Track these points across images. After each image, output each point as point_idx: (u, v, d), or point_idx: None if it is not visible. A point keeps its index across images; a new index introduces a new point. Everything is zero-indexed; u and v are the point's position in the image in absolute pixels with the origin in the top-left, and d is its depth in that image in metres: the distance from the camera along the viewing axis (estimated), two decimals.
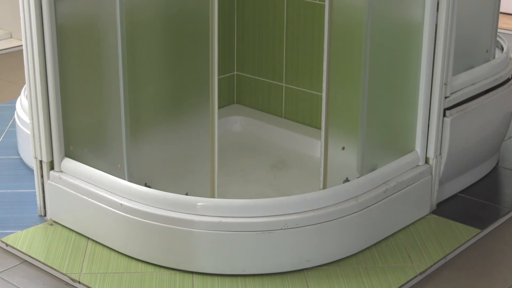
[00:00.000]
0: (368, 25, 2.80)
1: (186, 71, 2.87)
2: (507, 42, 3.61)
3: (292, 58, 3.58)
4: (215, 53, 2.67)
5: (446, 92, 3.05)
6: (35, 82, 2.88)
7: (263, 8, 3.61)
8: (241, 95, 3.81)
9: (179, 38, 2.86)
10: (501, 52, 3.51)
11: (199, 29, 2.73)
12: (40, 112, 2.89)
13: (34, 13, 2.79)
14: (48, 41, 2.81)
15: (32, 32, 2.82)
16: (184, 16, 2.83)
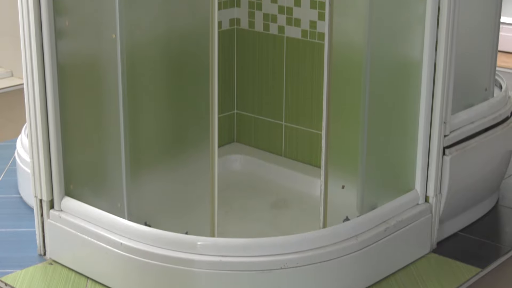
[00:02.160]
0: (367, 63, 2.82)
1: (186, 109, 2.88)
2: (505, 80, 3.62)
3: (292, 97, 3.59)
4: (215, 92, 2.68)
5: (446, 130, 3.06)
6: (35, 120, 2.89)
7: (262, 46, 3.63)
8: (241, 133, 3.82)
9: (179, 77, 2.88)
10: (499, 91, 3.53)
11: (199, 68, 2.74)
12: (41, 150, 2.90)
13: (35, 52, 2.81)
14: (49, 80, 2.82)
15: (33, 71, 2.84)
16: (185, 54, 2.85)
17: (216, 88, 2.67)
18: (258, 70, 3.68)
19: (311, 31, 3.45)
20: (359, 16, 2.82)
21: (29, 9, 2.79)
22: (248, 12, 3.64)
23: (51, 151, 2.89)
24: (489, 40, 3.40)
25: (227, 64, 3.73)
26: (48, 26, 2.78)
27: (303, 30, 3.48)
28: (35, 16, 2.78)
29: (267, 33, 3.60)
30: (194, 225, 2.84)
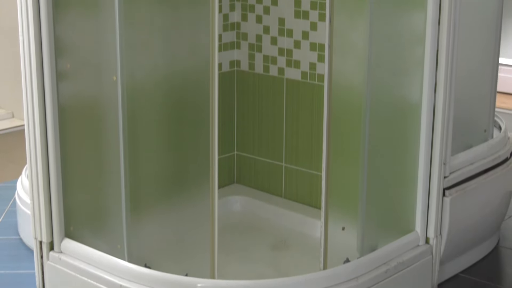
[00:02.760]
0: (367, 105, 2.83)
1: (186, 150, 2.89)
2: (505, 121, 3.64)
3: (292, 138, 3.60)
4: (215, 133, 2.69)
5: (445, 171, 3.06)
6: (36, 161, 2.89)
7: (262, 88, 3.65)
8: (241, 174, 3.83)
9: (179, 118, 2.89)
10: (499, 132, 3.54)
11: (199, 109, 2.75)
12: (41, 191, 2.90)
13: (36, 93, 2.82)
14: (49, 121, 2.83)
15: (34, 112, 2.85)
16: (185, 96, 2.86)
17: (216, 130, 2.68)
18: (258, 112, 3.69)
19: (310, 72, 3.47)
20: (359, 58, 2.84)
21: (30, 51, 2.81)
22: (248, 54, 3.67)
23: (51, 192, 2.90)
24: (488, 82, 3.42)
25: (227, 105, 3.74)
26: (49, 68, 2.80)
27: (302, 72, 3.50)
28: (37, 58, 2.80)
29: (267, 74, 3.62)
30: (194, 267, 2.83)
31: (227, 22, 3.64)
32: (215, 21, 2.60)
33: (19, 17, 2.85)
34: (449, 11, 2.92)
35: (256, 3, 3.56)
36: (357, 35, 2.84)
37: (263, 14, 3.55)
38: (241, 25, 3.66)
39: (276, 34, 3.55)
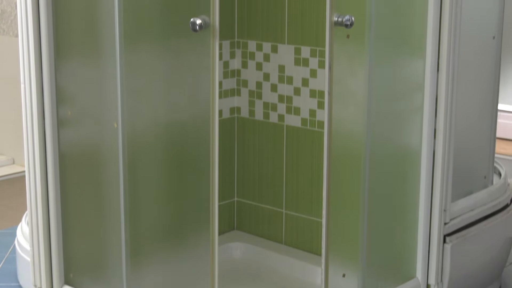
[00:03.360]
0: (367, 152, 2.84)
1: (186, 197, 2.89)
2: (504, 167, 3.64)
3: (292, 185, 3.60)
4: (215, 180, 2.69)
5: (446, 218, 3.06)
6: (36, 208, 2.89)
7: (263, 135, 3.66)
8: (242, 221, 3.82)
9: (180, 165, 2.89)
10: (499, 178, 3.54)
11: (200, 156, 2.76)
12: (41, 238, 2.90)
13: (37, 140, 2.83)
14: (50, 168, 2.84)
15: (35, 159, 2.86)
16: (185, 143, 2.87)
17: (216, 176, 2.68)
18: (258, 158, 3.70)
19: (310, 119, 3.49)
20: (358, 105, 2.85)
21: (32, 99, 2.82)
22: (249, 101, 3.69)
23: (51, 239, 2.89)
24: (488, 128, 3.43)
25: (228, 152, 3.75)
26: (50, 115, 2.82)
27: (302, 119, 3.51)
28: (38, 106, 2.82)
29: (267, 121, 3.64)
30: None
31: (228, 69, 3.66)
32: (215, 68, 2.62)
33: (21, 64, 2.87)
34: (447, 58, 2.94)
35: (256, 51, 3.59)
36: (357, 82, 2.86)
37: (263, 61, 3.58)
38: (242, 72, 3.68)
39: (276, 81, 3.57)
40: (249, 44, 3.60)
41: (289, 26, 3.44)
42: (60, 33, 2.86)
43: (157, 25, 2.84)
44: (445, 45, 2.94)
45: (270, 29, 3.51)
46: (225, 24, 3.57)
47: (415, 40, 2.96)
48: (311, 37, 3.39)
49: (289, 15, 3.42)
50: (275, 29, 3.49)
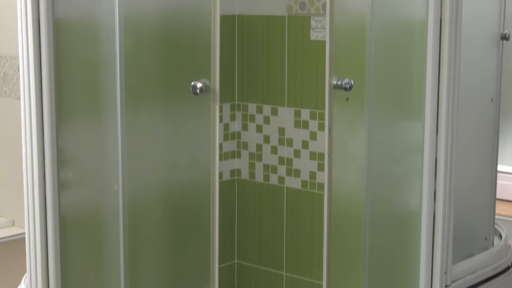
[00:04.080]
0: (367, 214, 2.84)
1: (186, 259, 2.88)
2: (505, 229, 3.63)
3: (292, 247, 3.59)
4: (215, 242, 2.69)
5: (447, 280, 3.04)
6: (36, 271, 2.88)
7: (263, 197, 3.66)
8: (242, 283, 3.80)
9: (180, 227, 2.89)
10: (499, 240, 3.53)
11: (200, 218, 2.76)
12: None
13: (38, 202, 2.83)
14: (50, 230, 2.83)
15: (35, 221, 2.85)
16: (185, 206, 2.87)
17: (216, 238, 2.68)
18: (259, 220, 3.70)
19: (310, 181, 3.49)
20: (358, 168, 2.86)
21: (33, 162, 2.83)
22: (249, 163, 3.70)
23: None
24: (488, 189, 3.43)
25: (228, 214, 3.75)
26: (51, 178, 2.82)
27: (303, 181, 3.52)
28: (39, 169, 2.82)
29: (267, 183, 3.64)
30: None
31: (228, 132, 3.68)
32: (216, 130, 2.64)
33: (23, 127, 2.89)
34: (446, 121, 2.96)
35: (257, 113, 3.61)
36: (356, 144, 2.87)
37: (263, 123, 3.60)
38: (242, 134, 3.70)
39: (276, 144, 3.59)
40: (249, 107, 3.62)
41: (289, 89, 3.47)
42: (62, 95, 2.88)
43: (158, 88, 2.87)
44: (444, 107, 2.96)
45: (270, 92, 3.54)
46: (225, 87, 3.60)
47: (414, 103, 2.98)
48: (311, 100, 3.41)
49: (289, 78, 3.45)
50: (275, 91, 3.52)
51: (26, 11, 2.82)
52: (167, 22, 2.90)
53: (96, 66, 2.85)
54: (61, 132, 2.84)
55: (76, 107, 2.91)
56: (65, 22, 2.87)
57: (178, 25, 2.88)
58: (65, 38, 2.86)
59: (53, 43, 2.84)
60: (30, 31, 2.83)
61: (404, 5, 3.00)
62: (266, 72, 3.53)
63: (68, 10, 2.86)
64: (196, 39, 2.80)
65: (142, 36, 2.89)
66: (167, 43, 2.91)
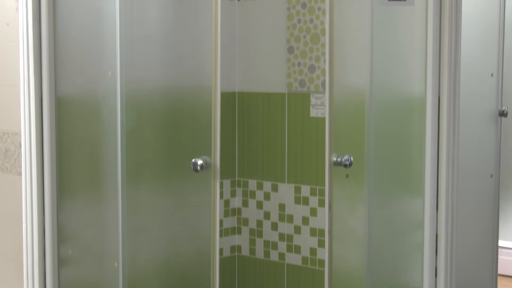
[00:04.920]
0: None
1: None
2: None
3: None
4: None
5: None
6: None
7: (263, 273, 3.65)
8: None
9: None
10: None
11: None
12: None
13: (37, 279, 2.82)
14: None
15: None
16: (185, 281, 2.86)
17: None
18: None
19: (311, 258, 3.48)
20: (359, 244, 2.86)
21: (33, 237, 2.83)
22: (249, 239, 3.69)
23: None
24: (489, 265, 3.42)
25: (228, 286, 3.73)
26: (51, 254, 2.82)
27: (303, 257, 3.51)
28: (39, 244, 2.82)
29: (268, 260, 3.63)
30: None
31: (228, 208, 3.68)
32: (216, 207, 2.64)
33: (23, 203, 2.89)
34: (446, 197, 2.96)
35: (257, 189, 3.62)
36: (357, 220, 2.87)
37: (264, 200, 3.60)
38: (242, 210, 3.70)
39: (276, 220, 3.58)
40: (250, 183, 3.63)
41: (289, 165, 3.48)
42: (63, 172, 2.90)
43: (159, 165, 2.88)
44: (444, 184, 2.97)
45: (270, 168, 3.56)
46: (226, 163, 3.62)
47: (414, 179, 2.99)
48: (311, 176, 3.43)
49: (289, 154, 3.47)
50: (275, 168, 3.54)
51: (29, 88, 2.85)
52: (168, 99, 2.93)
53: (97, 143, 2.87)
54: (62, 208, 2.84)
55: (77, 183, 2.92)
56: (67, 100, 2.90)
57: (179, 102, 2.91)
58: (67, 116, 2.89)
59: (55, 120, 2.87)
60: (32, 108, 2.86)
61: (402, 83, 3.03)
62: (266, 149, 3.55)
63: (70, 88, 2.89)
64: (197, 116, 2.82)
65: (143, 114, 2.92)
66: (168, 120, 2.94)
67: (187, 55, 2.85)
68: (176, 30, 2.87)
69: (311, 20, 3.34)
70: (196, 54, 2.80)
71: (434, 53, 2.90)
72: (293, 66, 3.40)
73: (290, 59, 3.41)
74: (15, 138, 3.47)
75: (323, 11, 3.28)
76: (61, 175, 2.90)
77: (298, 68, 3.38)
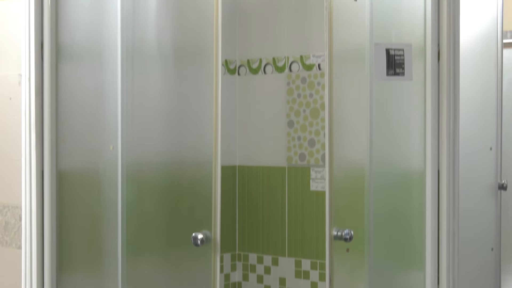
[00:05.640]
0: None
1: None
2: None
3: None
4: None
5: None
6: None
7: None
8: None
9: None
10: None
11: None
12: None
13: None
14: None
15: None
16: None
17: None
18: None
19: None
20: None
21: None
22: None
23: None
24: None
25: None
26: None
27: None
28: None
29: None
30: None
31: (229, 282, 3.66)
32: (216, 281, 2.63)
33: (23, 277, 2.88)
34: (447, 271, 2.95)
35: (257, 263, 3.60)
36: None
37: (264, 274, 3.59)
38: (242, 284, 3.67)
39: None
40: (250, 257, 3.62)
41: (290, 239, 3.47)
42: (63, 245, 2.89)
43: (159, 239, 2.88)
44: (444, 258, 2.96)
45: (270, 242, 3.55)
46: (226, 237, 3.61)
47: (414, 253, 2.98)
48: (311, 250, 3.42)
49: (289, 228, 3.47)
50: (276, 242, 3.53)
51: (30, 162, 2.86)
52: (168, 173, 2.94)
53: (98, 216, 2.87)
54: (61, 282, 2.83)
55: (77, 257, 2.91)
56: (68, 174, 2.91)
57: (179, 175, 2.92)
58: (68, 189, 2.90)
59: (56, 194, 2.87)
60: (34, 181, 2.87)
61: (402, 157, 3.04)
62: (267, 222, 3.55)
63: (72, 162, 2.90)
64: (197, 189, 2.83)
65: (143, 187, 2.93)
66: (169, 194, 2.94)
67: (187, 129, 2.87)
68: (177, 104, 2.89)
69: (311, 94, 3.37)
70: (197, 128, 2.82)
71: (433, 128, 2.92)
72: (293, 140, 3.42)
73: (290, 133, 3.43)
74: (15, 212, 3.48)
75: (322, 86, 3.31)
76: (61, 248, 2.89)
77: (298, 142, 3.41)
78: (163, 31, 2.90)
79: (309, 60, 3.39)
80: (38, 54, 2.83)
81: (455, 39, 2.94)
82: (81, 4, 2.88)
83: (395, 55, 2.85)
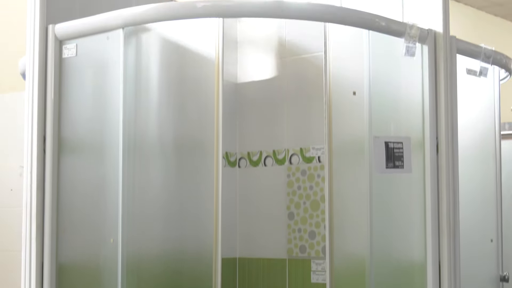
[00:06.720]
0: None
1: None
2: None
3: None
4: None
5: None
6: None
7: None
8: None
9: None
10: None
11: None
12: None
13: None
14: None
15: None
16: None
17: None
18: None
19: None
20: None
21: None
22: None
23: None
24: None
25: None
26: None
27: None
28: None
29: None
30: None
31: None
32: None
33: None
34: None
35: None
36: None
37: None
38: None
39: None
40: None
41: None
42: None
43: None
44: None
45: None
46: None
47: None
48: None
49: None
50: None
51: (30, 254, 2.86)
52: (169, 264, 2.93)
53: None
54: None
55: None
56: (68, 266, 2.91)
57: (180, 267, 2.92)
58: (68, 282, 2.89)
59: (56, 287, 2.86)
60: (33, 274, 2.86)
61: (402, 248, 3.04)
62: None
63: (72, 254, 2.90)
64: (197, 282, 2.82)
65: (144, 279, 2.92)
66: (169, 286, 2.93)
67: (188, 221, 2.88)
68: (178, 197, 2.91)
69: (311, 187, 3.39)
70: (198, 220, 2.83)
71: (433, 219, 2.93)
72: (293, 232, 3.42)
73: (290, 225, 3.44)
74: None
75: (322, 178, 3.33)
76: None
77: (298, 234, 3.41)
78: (164, 125, 2.94)
79: (309, 153, 3.42)
80: (40, 147, 2.86)
81: (453, 132, 2.97)
82: (84, 99, 2.92)
83: (394, 148, 2.88)
